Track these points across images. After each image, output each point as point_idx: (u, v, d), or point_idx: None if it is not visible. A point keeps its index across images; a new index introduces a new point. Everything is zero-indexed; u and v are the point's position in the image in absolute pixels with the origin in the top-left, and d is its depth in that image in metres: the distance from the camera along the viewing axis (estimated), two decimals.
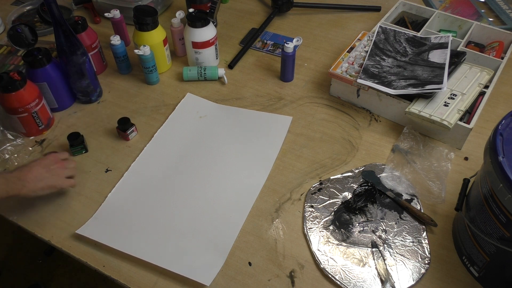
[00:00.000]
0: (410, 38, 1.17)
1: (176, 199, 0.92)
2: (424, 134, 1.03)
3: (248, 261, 0.82)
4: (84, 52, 1.06)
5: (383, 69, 1.08)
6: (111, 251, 0.83)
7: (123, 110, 1.12)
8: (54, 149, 1.03)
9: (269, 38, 1.35)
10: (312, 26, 1.40)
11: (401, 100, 1.03)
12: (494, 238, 0.70)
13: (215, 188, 0.94)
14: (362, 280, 0.79)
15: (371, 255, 0.82)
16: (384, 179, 0.95)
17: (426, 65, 1.07)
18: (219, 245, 0.84)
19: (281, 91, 1.17)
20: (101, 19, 1.44)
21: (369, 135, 1.05)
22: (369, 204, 0.90)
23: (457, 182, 0.90)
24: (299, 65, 1.24)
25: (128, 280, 0.80)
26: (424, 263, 0.81)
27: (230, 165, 0.99)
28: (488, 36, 1.23)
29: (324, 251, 0.83)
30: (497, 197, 0.67)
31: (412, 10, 1.35)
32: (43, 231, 0.87)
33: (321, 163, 0.99)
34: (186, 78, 1.20)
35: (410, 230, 0.86)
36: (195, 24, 1.14)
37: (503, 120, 0.70)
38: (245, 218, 0.89)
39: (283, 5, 1.42)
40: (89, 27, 1.17)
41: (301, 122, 1.08)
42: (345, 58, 1.13)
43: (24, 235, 1.74)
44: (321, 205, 0.90)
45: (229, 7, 1.50)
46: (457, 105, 0.98)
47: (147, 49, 1.12)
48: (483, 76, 1.05)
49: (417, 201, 0.91)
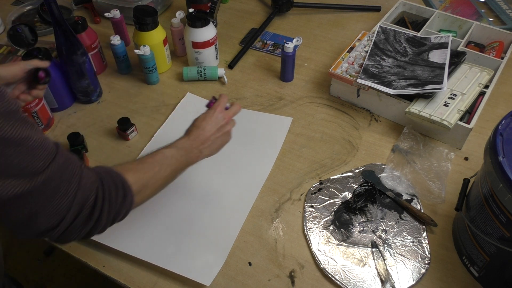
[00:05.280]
0: (410, 38, 1.17)
1: (176, 199, 0.92)
2: (424, 134, 1.03)
3: (248, 261, 0.82)
4: (84, 52, 1.06)
5: (383, 69, 1.08)
6: (111, 251, 0.83)
7: (123, 110, 1.12)
8: None
9: (269, 38, 1.35)
10: (312, 26, 1.40)
11: (401, 100, 1.03)
12: (494, 238, 0.71)
13: (215, 188, 0.94)
14: (362, 280, 0.79)
15: (371, 255, 0.82)
16: (384, 179, 0.95)
17: (426, 65, 1.07)
18: (219, 245, 0.84)
19: (281, 91, 1.17)
20: (101, 19, 1.44)
21: (369, 135, 1.05)
22: (369, 204, 0.90)
23: (457, 182, 0.90)
24: (299, 65, 1.24)
25: (128, 280, 0.80)
26: (424, 263, 0.81)
27: (230, 165, 0.99)
28: (488, 36, 1.23)
29: (324, 251, 0.83)
30: (497, 197, 0.67)
31: (412, 10, 1.35)
32: None
33: (321, 163, 0.99)
34: (186, 78, 1.20)
35: (410, 230, 0.86)
36: (195, 24, 1.14)
37: (503, 120, 0.70)
38: (245, 218, 0.89)
39: (283, 5, 1.42)
40: (89, 27, 1.17)
41: (301, 122, 1.08)
42: (345, 58, 1.13)
43: None
44: (321, 205, 0.90)
45: (229, 7, 1.50)
46: (457, 105, 0.98)
47: (147, 49, 1.12)
48: (483, 76, 1.05)
49: (417, 201, 0.91)
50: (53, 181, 0.53)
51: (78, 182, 0.57)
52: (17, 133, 0.48)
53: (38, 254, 1.73)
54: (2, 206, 0.49)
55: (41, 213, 0.52)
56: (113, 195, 0.62)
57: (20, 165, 0.48)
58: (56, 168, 0.53)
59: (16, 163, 0.48)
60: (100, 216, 0.60)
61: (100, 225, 0.61)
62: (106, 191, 0.61)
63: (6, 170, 0.47)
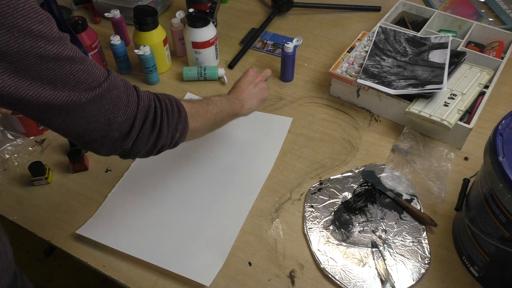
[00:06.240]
0: (410, 38, 1.17)
1: (176, 199, 0.92)
2: (424, 134, 1.03)
3: (248, 261, 0.82)
4: (84, 52, 1.06)
5: (383, 69, 1.08)
6: (111, 251, 0.83)
7: None
8: (54, 150, 1.03)
9: (269, 38, 1.35)
10: (312, 26, 1.40)
11: (401, 100, 1.03)
12: (494, 238, 0.71)
13: (215, 188, 0.94)
14: (362, 280, 0.79)
15: (371, 255, 0.82)
16: (384, 179, 0.95)
17: (426, 65, 1.07)
18: (219, 245, 0.84)
19: (281, 91, 1.17)
20: (101, 19, 1.44)
21: (369, 135, 1.05)
22: (369, 204, 0.90)
23: (457, 182, 0.90)
24: (299, 65, 1.24)
25: (128, 280, 0.80)
26: (424, 263, 0.81)
27: (230, 165, 0.99)
28: (488, 36, 1.23)
29: (324, 251, 0.83)
30: (497, 197, 0.67)
31: (412, 10, 1.35)
32: (43, 231, 0.87)
33: (321, 163, 0.99)
34: (186, 78, 1.20)
35: (410, 230, 0.86)
36: (195, 24, 1.14)
37: (503, 120, 0.70)
38: (245, 218, 0.89)
39: (283, 5, 1.41)
40: (89, 27, 1.17)
41: (301, 122, 1.08)
42: (345, 58, 1.13)
43: (24, 234, 1.74)
44: (321, 205, 0.90)
45: (229, 7, 1.50)
46: (457, 105, 0.98)
47: (147, 49, 1.12)
48: (483, 76, 1.05)
49: (417, 201, 0.91)
50: (114, 90, 0.60)
51: (136, 93, 0.64)
52: (77, 54, 0.54)
53: (38, 254, 1.73)
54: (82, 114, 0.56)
55: (114, 120, 0.60)
56: (169, 108, 0.68)
57: (87, 80, 0.55)
58: (113, 80, 0.60)
59: (84, 78, 0.55)
60: (161, 125, 0.66)
61: (162, 136, 0.66)
62: (163, 103, 0.67)
63: (77, 86, 0.54)
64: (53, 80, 0.52)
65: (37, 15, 0.48)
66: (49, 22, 0.50)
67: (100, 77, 0.58)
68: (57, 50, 0.51)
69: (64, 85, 0.53)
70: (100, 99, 0.57)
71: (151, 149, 0.67)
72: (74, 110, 0.55)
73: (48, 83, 0.52)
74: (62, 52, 0.52)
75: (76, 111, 0.56)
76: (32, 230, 0.88)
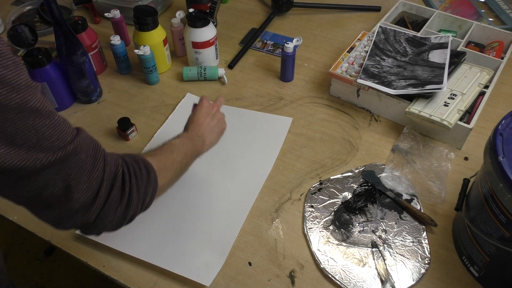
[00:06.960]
0: (410, 38, 1.17)
1: (176, 199, 0.92)
2: (424, 134, 1.03)
3: (248, 261, 0.82)
4: (84, 52, 1.06)
5: (383, 69, 1.08)
6: (111, 251, 0.83)
7: (123, 110, 1.12)
8: None
9: (269, 38, 1.35)
10: (312, 26, 1.40)
11: (401, 100, 1.03)
12: (494, 238, 0.71)
13: (215, 188, 0.94)
14: (362, 280, 0.79)
15: (371, 255, 0.82)
16: (384, 179, 0.95)
17: (426, 65, 1.07)
18: (219, 245, 0.84)
19: (281, 91, 1.17)
20: (101, 19, 1.44)
21: (369, 135, 1.05)
22: (369, 204, 0.90)
23: (457, 182, 0.90)
24: (299, 65, 1.24)
25: (128, 280, 0.80)
26: (424, 263, 0.81)
27: (230, 165, 0.99)
28: (488, 36, 1.23)
29: (324, 251, 0.83)
30: (497, 197, 0.67)
31: (412, 10, 1.35)
32: (43, 231, 0.87)
33: (321, 163, 0.99)
34: (186, 78, 1.20)
35: (410, 230, 0.86)
36: (195, 24, 1.14)
37: (503, 120, 0.70)
38: (245, 218, 0.89)
39: (283, 5, 1.42)
40: (89, 27, 1.17)
41: (301, 122, 1.08)
42: (345, 58, 1.13)
43: (24, 234, 1.74)
44: (321, 205, 0.90)
45: (229, 7, 1.50)
46: (457, 105, 0.98)
47: (147, 49, 1.12)
48: (483, 76, 1.05)
49: (417, 201, 0.91)
50: (81, 154, 0.53)
51: (104, 157, 0.57)
52: (44, 106, 0.48)
53: (38, 254, 1.73)
54: (36, 178, 0.49)
55: (75, 188, 0.52)
56: (137, 171, 0.62)
57: (51, 138, 0.49)
58: (82, 141, 0.54)
59: (47, 135, 0.49)
60: (131, 192, 0.60)
61: (132, 205, 0.60)
62: (131, 167, 0.61)
63: (38, 143, 0.48)
64: (12, 135, 0.45)
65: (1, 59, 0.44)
66: (16, 68, 0.45)
67: (67, 136, 0.51)
68: (21, 99, 0.45)
69: (24, 141, 0.46)
70: (61, 163, 0.50)
71: (120, 221, 0.60)
72: (26, 175, 0.48)
73: (4, 137, 0.45)
74: (27, 103, 0.46)
75: (30, 175, 0.49)
76: (32, 230, 0.88)
